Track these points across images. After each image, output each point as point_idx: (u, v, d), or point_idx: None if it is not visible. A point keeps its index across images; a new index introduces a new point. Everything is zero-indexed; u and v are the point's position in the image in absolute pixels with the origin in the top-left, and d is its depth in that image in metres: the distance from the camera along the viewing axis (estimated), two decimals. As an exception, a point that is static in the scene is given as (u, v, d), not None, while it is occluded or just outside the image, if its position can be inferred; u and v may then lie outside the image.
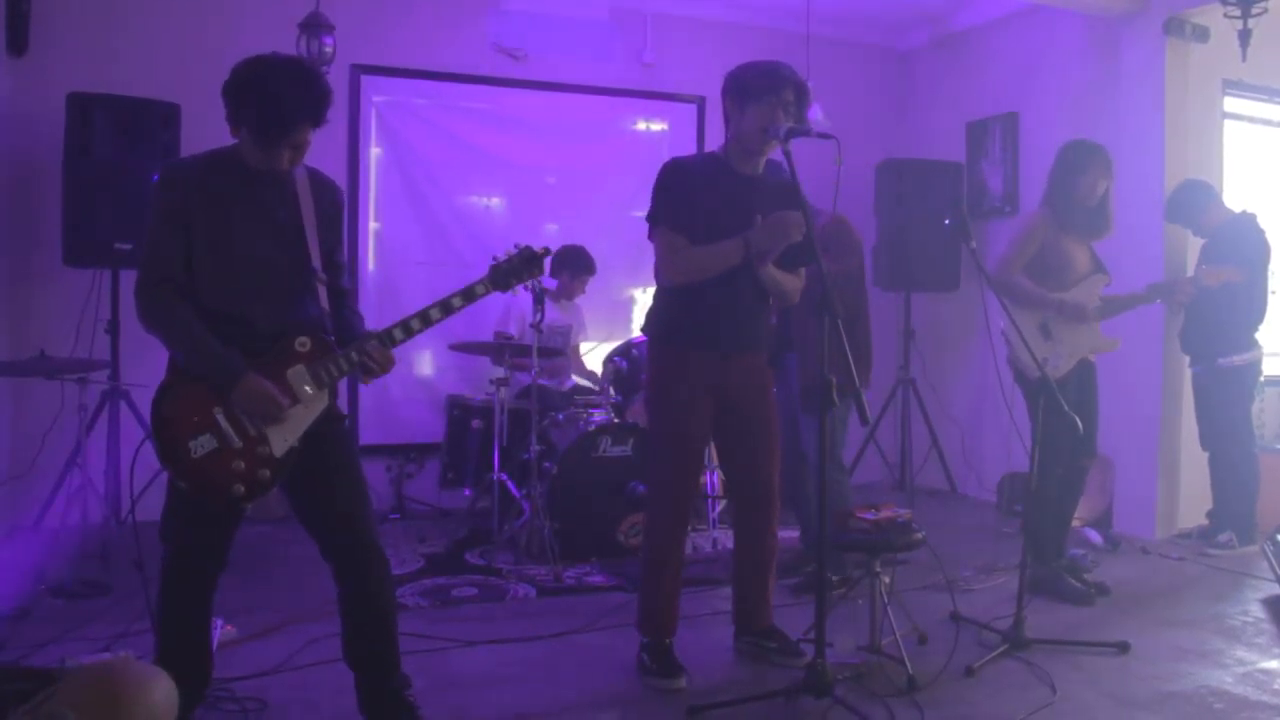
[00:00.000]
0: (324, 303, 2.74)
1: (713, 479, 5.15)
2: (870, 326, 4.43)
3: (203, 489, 2.54)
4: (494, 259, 2.88)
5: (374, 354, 2.65)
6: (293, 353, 2.62)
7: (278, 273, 2.65)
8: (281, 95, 2.49)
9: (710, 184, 3.33)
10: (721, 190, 3.33)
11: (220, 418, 2.55)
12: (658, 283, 3.44)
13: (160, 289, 2.54)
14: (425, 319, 2.70)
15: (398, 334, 2.70)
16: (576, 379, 6.07)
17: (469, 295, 2.75)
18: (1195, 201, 5.11)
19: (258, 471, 2.57)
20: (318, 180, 2.78)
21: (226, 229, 2.58)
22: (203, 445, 2.52)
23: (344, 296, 2.86)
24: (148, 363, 2.73)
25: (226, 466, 2.54)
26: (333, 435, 2.73)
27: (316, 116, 2.56)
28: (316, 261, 2.71)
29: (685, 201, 3.30)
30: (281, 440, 2.59)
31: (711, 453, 4.68)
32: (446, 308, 2.73)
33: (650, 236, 3.38)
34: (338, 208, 2.83)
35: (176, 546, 2.66)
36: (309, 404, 2.62)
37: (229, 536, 2.70)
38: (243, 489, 2.55)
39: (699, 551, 4.94)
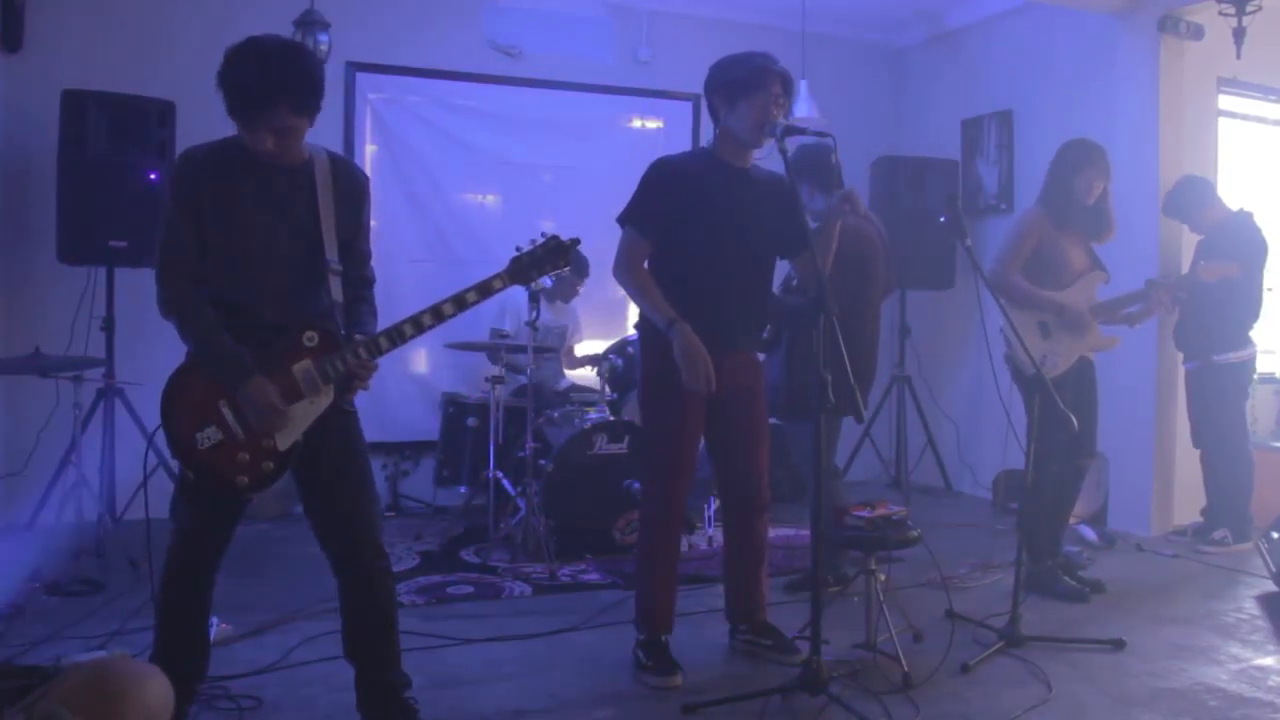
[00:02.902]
0: (336, 294, 2.67)
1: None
2: (874, 350, 4.35)
3: (208, 479, 2.57)
4: (517, 249, 2.77)
5: (354, 368, 2.60)
6: (300, 348, 2.59)
7: (289, 263, 2.61)
8: (255, 75, 2.43)
9: (702, 181, 3.32)
10: (715, 187, 3.32)
11: (225, 411, 2.55)
12: (613, 274, 3.41)
13: (179, 278, 2.54)
14: (418, 324, 2.61)
15: (384, 343, 2.62)
16: (571, 376, 6.07)
17: (485, 290, 2.66)
18: (1194, 198, 5.12)
19: (262, 464, 2.57)
20: (340, 167, 2.72)
21: (238, 218, 2.55)
22: (209, 437, 2.54)
23: (362, 287, 2.80)
24: (143, 360, 2.75)
25: (231, 458, 2.55)
26: (342, 427, 2.71)
27: (296, 100, 2.48)
28: (331, 253, 2.65)
29: (669, 205, 3.28)
30: (286, 434, 2.58)
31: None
32: (460, 303, 2.63)
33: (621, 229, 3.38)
34: (361, 195, 2.75)
35: (184, 527, 2.68)
36: (315, 399, 2.60)
37: (234, 521, 2.73)
38: (246, 480, 2.57)
39: (695, 549, 4.94)
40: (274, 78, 2.44)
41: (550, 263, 2.76)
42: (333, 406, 2.65)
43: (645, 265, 3.35)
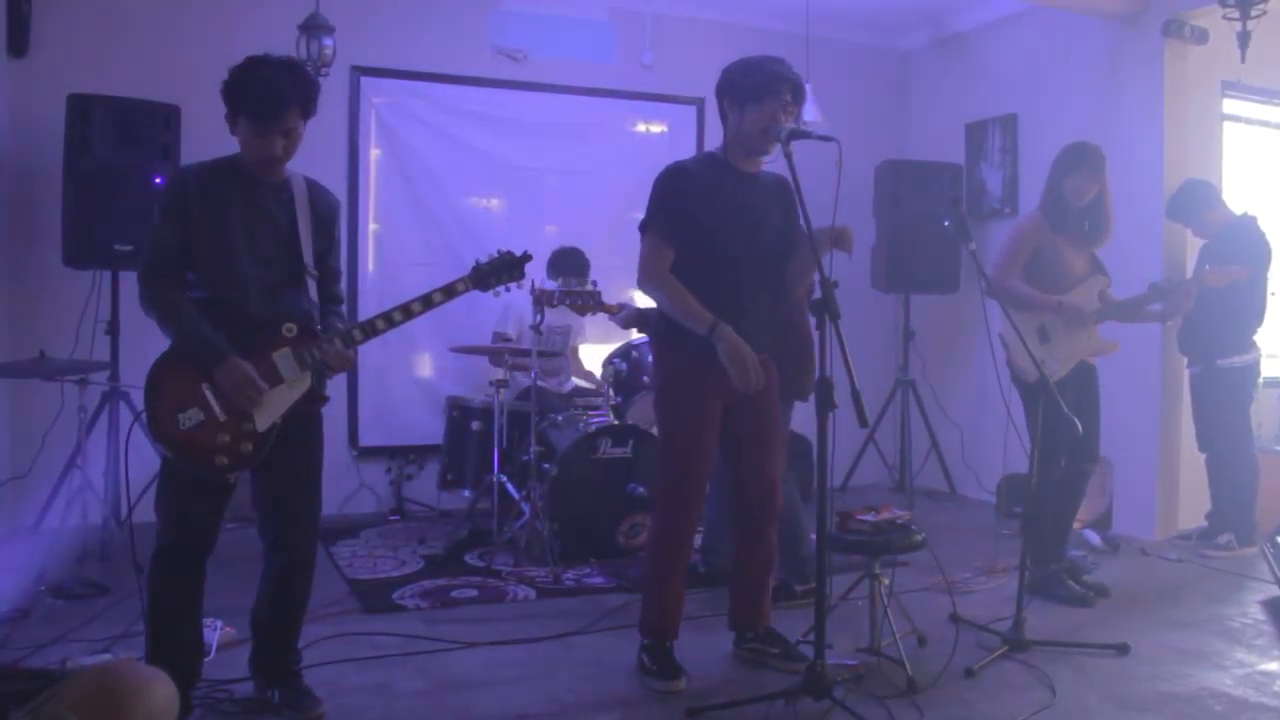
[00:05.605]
0: (313, 294, 2.93)
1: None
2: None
3: (188, 458, 2.70)
4: (477, 261, 3.08)
5: (330, 354, 2.81)
6: (280, 337, 2.79)
7: (272, 263, 2.84)
8: (273, 80, 2.72)
9: (713, 185, 3.32)
10: (726, 190, 3.32)
11: (207, 393, 2.71)
12: (639, 284, 3.39)
13: (158, 278, 2.75)
14: (389, 319, 2.88)
15: (357, 334, 2.87)
16: (576, 381, 6.08)
17: (450, 291, 2.95)
18: (1198, 201, 5.11)
19: (241, 445, 2.72)
20: (316, 189, 2.99)
21: (225, 226, 2.78)
22: (191, 418, 2.69)
23: (333, 302, 3.05)
24: (147, 364, 2.77)
25: (212, 438, 2.70)
26: (310, 426, 2.92)
27: (305, 104, 2.78)
28: (309, 258, 2.89)
29: (686, 210, 3.28)
30: (265, 416, 2.75)
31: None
32: (427, 302, 2.92)
33: (641, 238, 3.36)
34: (333, 214, 3.03)
35: (169, 521, 2.77)
36: (292, 384, 2.79)
37: (218, 514, 2.82)
38: (226, 460, 2.71)
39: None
40: (288, 85, 2.74)
41: (508, 273, 3.10)
42: (307, 393, 2.83)
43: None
